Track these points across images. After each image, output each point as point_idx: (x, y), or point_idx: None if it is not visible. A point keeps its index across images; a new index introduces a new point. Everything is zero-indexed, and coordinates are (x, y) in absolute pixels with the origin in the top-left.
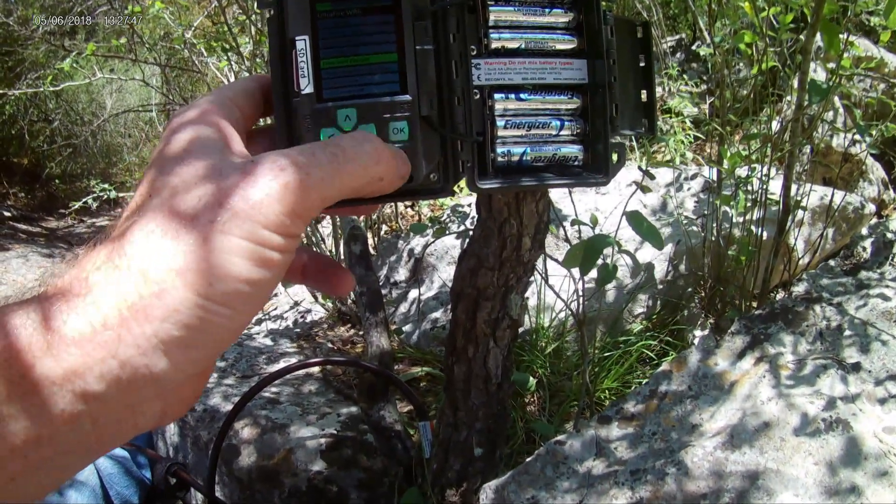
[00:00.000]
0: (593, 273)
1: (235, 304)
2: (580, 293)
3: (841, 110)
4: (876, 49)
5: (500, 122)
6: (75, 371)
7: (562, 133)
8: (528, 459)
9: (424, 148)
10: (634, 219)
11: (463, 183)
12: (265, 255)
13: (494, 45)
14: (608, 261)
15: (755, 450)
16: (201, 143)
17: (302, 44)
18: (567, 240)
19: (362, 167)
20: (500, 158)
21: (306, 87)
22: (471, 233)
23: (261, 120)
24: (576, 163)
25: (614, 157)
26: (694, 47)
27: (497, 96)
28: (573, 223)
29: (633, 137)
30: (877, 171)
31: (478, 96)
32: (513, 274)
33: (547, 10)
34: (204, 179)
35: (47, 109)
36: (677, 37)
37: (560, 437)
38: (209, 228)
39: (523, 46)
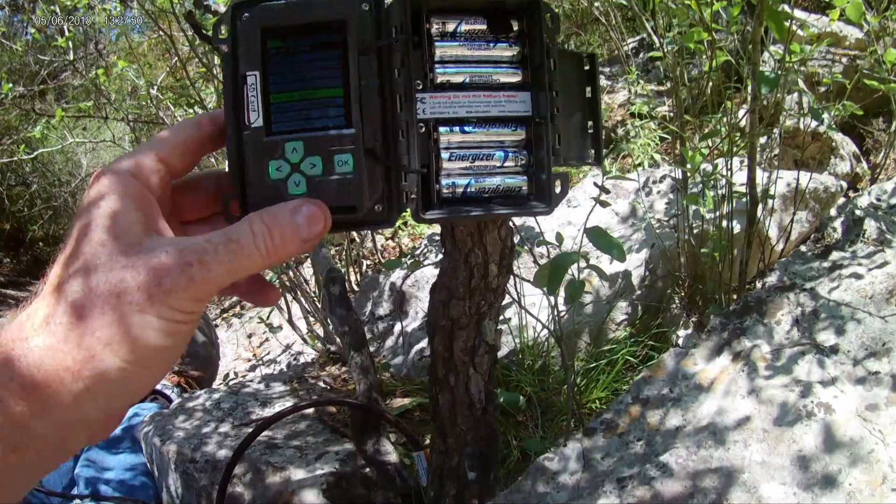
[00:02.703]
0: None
1: (150, 365)
2: (556, 310)
3: (806, 91)
4: (836, 25)
5: (444, 155)
6: (24, 417)
7: (506, 164)
8: (519, 478)
9: (369, 179)
10: (595, 234)
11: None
12: (172, 329)
13: (440, 79)
14: (576, 276)
15: (739, 444)
16: (125, 221)
17: (252, 79)
18: (535, 261)
19: (256, 262)
20: (444, 190)
21: (256, 120)
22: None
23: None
24: (521, 192)
25: (557, 186)
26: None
27: (442, 129)
28: (539, 243)
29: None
30: (847, 145)
31: (423, 129)
32: (484, 301)
33: (492, 44)
34: (125, 263)
35: (24, 173)
36: (639, 37)
37: (548, 454)
38: (129, 308)
39: (468, 80)
